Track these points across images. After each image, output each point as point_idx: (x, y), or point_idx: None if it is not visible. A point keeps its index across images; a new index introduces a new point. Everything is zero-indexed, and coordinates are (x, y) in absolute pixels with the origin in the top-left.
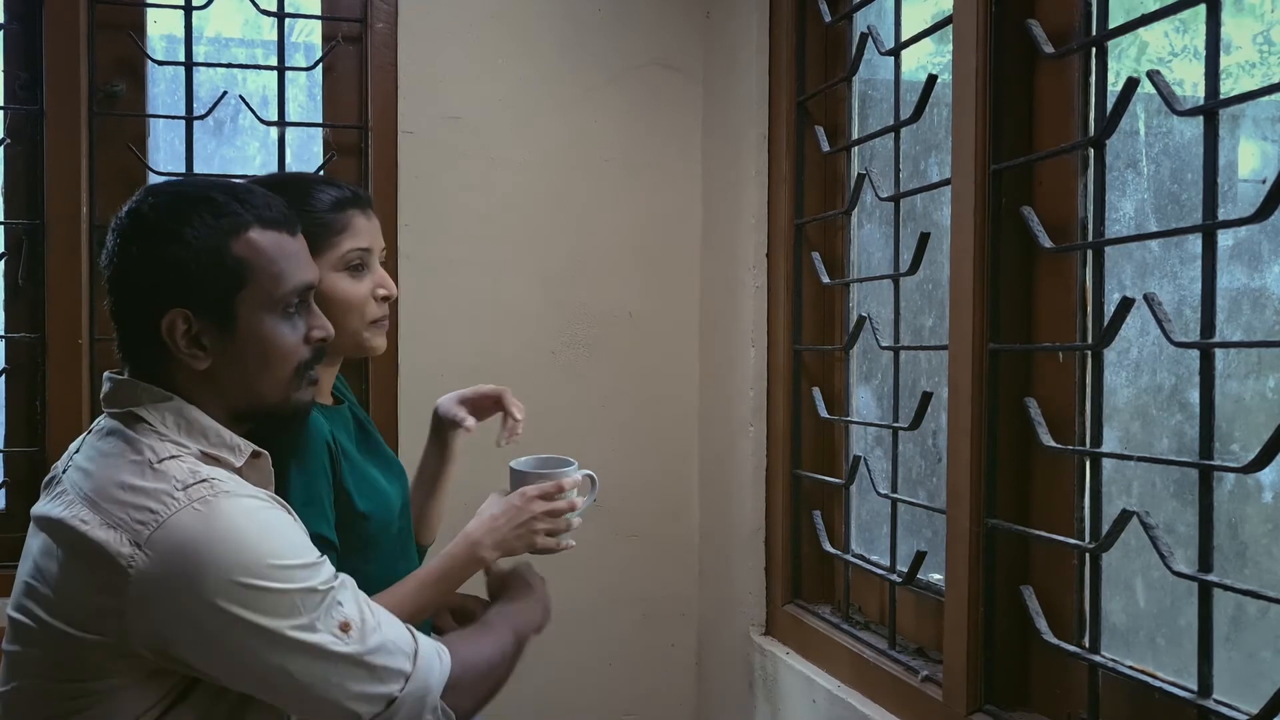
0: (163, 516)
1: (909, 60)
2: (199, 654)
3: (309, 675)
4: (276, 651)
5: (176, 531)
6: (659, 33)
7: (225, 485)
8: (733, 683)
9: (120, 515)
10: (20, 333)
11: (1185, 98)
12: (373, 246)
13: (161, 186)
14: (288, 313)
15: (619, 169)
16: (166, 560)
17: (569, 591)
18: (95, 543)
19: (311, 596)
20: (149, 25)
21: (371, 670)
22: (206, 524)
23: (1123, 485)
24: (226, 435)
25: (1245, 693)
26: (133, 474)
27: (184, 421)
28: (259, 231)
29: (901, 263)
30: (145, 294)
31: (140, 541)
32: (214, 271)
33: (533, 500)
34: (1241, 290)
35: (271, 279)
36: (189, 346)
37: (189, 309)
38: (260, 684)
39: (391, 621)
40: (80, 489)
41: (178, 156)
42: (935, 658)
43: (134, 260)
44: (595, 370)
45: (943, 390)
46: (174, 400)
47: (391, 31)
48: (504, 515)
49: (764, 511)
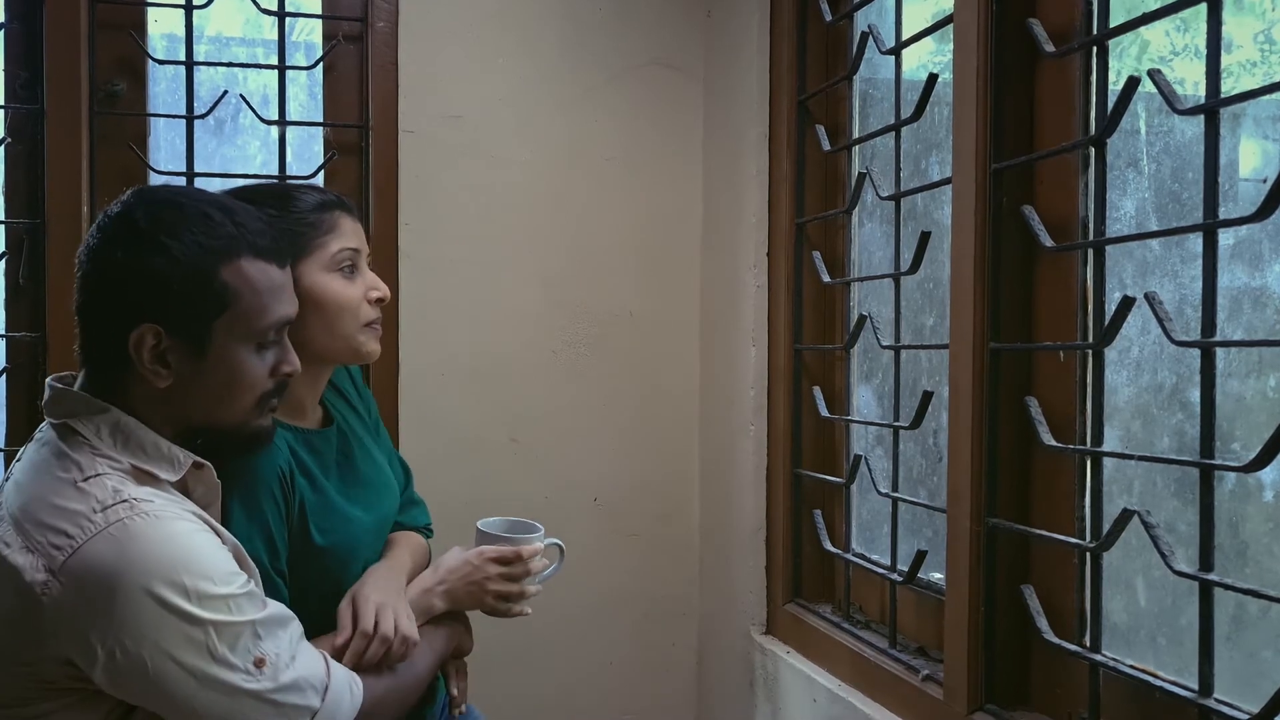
0: (77, 542)
1: (910, 59)
2: (110, 680)
3: (218, 706)
4: (187, 682)
5: (90, 558)
6: (659, 32)
7: (147, 506)
8: (733, 682)
9: (39, 539)
10: (21, 332)
11: (1186, 97)
12: (360, 248)
13: (157, 193)
14: (261, 345)
15: (620, 168)
16: (79, 588)
17: (569, 591)
18: (13, 568)
19: (229, 628)
20: (150, 24)
21: (279, 708)
22: (120, 550)
23: (1123, 484)
24: (164, 447)
25: (1246, 692)
26: (57, 492)
27: (120, 434)
28: (250, 260)
29: (902, 262)
30: (119, 301)
31: (54, 568)
32: (197, 293)
33: (488, 562)
34: (1242, 289)
35: (254, 311)
36: (153, 362)
37: (162, 325)
38: (169, 711)
39: (308, 655)
40: (11, 506)
41: (178, 155)
42: (936, 657)
43: (115, 264)
44: (596, 369)
45: (943, 389)
46: (110, 412)
47: (392, 30)
48: (459, 570)
49: (764, 511)
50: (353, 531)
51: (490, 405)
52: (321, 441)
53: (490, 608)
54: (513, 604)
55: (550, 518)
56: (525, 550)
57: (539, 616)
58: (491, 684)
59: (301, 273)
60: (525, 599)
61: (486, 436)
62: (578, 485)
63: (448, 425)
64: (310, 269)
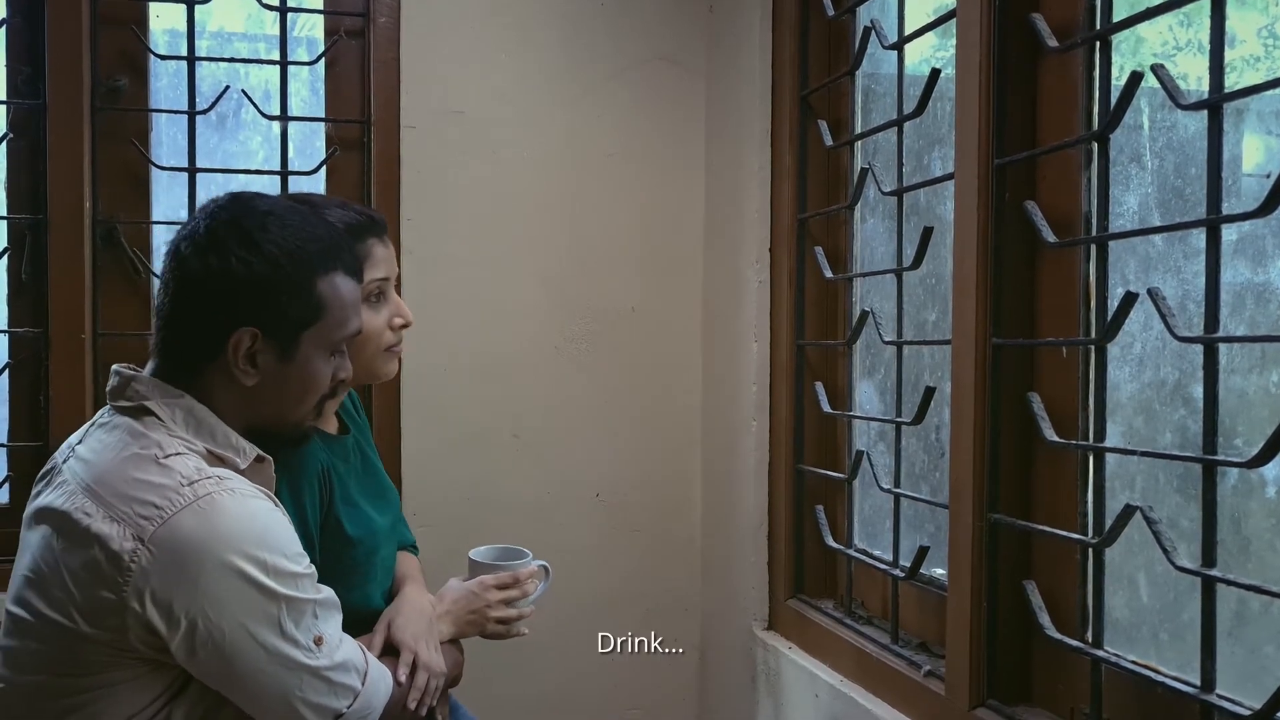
0: (167, 513)
1: (912, 54)
2: (188, 648)
3: (279, 679)
4: (258, 654)
5: (180, 529)
6: (662, 27)
7: (231, 483)
8: (735, 678)
9: (124, 509)
10: (24, 327)
11: (1189, 92)
12: (390, 275)
13: (272, 204)
14: (333, 353)
15: (622, 164)
16: (169, 557)
17: (572, 588)
18: (98, 536)
19: (297, 604)
20: (151, 19)
21: (330, 684)
22: (210, 522)
23: (1126, 480)
24: (233, 438)
25: (1248, 688)
26: (138, 467)
27: (193, 420)
28: (342, 277)
29: (904, 257)
30: (223, 303)
31: (144, 537)
32: (297, 303)
33: (489, 589)
34: (1245, 285)
35: (338, 323)
36: (245, 363)
37: (260, 329)
38: (231, 682)
39: (350, 642)
40: (82, 480)
41: (180, 151)
42: (938, 652)
43: (224, 268)
44: (597, 366)
45: (945, 385)
46: (184, 398)
47: (394, 26)
48: (462, 600)
49: (766, 507)
50: (374, 529)
51: (492, 401)
52: (342, 448)
53: (492, 633)
54: (511, 626)
55: (552, 514)
56: (522, 574)
57: (541, 612)
58: (494, 681)
59: None
60: (522, 620)
61: (489, 432)
62: (580, 481)
63: (450, 421)
64: None
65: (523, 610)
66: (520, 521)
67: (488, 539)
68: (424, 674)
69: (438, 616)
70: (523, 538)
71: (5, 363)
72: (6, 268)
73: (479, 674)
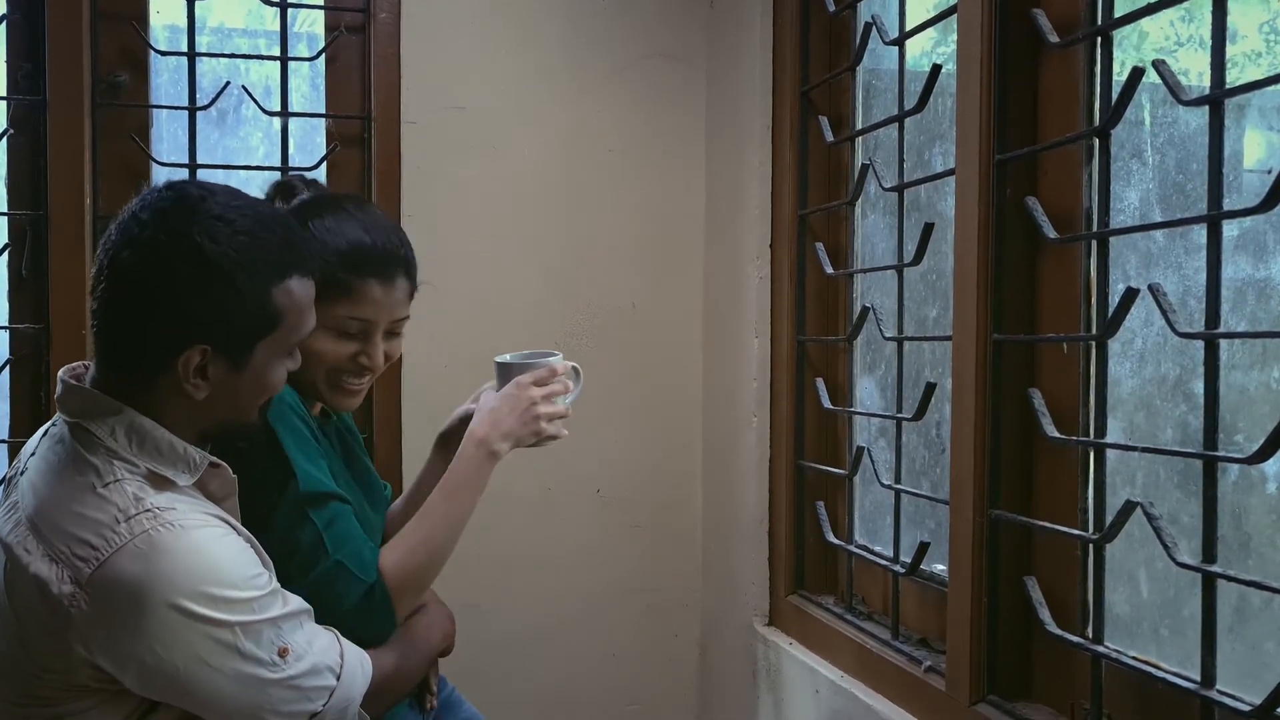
0: (103, 554)
1: (913, 50)
2: (142, 684)
3: (244, 697)
4: (216, 680)
5: (116, 572)
6: (662, 23)
7: (170, 515)
8: (736, 673)
9: (61, 548)
10: (24, 323)
11: (1190, 87)
12: (376, 320)
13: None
14: (289, 355)
15: (622, 160)
16: (108, 603)
17: (572, 583)
18: (36, 578)
19: (254, 627)
20: (151, 15)
21: (300, 690)
22: (147, 564)
23: (1126, 476)
24: (180, 448)
25: (1249, 684)
26: (75, 498)
27: (135, 435)
28: (297, 280)
29: (905, 253)
30: (175, 322)
31: (80, 581)
32: (252, 318)
33: (529, 388)
34: (1246, 281)
35: (293, 328)
36: (194, 377)
37: (211, 345)
38: (196, 706)
39: (323, 639)
40: (28, 508)
41: (180, 147)
42: (938, 648)
43: (170, 286)
44: (598, 361)
45: (946, 381)
46: (125, 412)
47: (394, 22)
48: (505, 406)
49: (767, 502)
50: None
51: None
52: (325, 428)
53: (539, 432)
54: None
55: (553, 509)
56: (558, 367)
57: (542, 608)
58: (495, 674)
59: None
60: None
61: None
62: (580, 477)
63: None
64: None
65: (567, 408)
66: (521, 517)
67: (488, 535)
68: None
69: (486, 433)
70: (523, 533)
71: (6, 359)
72: (7, 264)
73: (480, 669)
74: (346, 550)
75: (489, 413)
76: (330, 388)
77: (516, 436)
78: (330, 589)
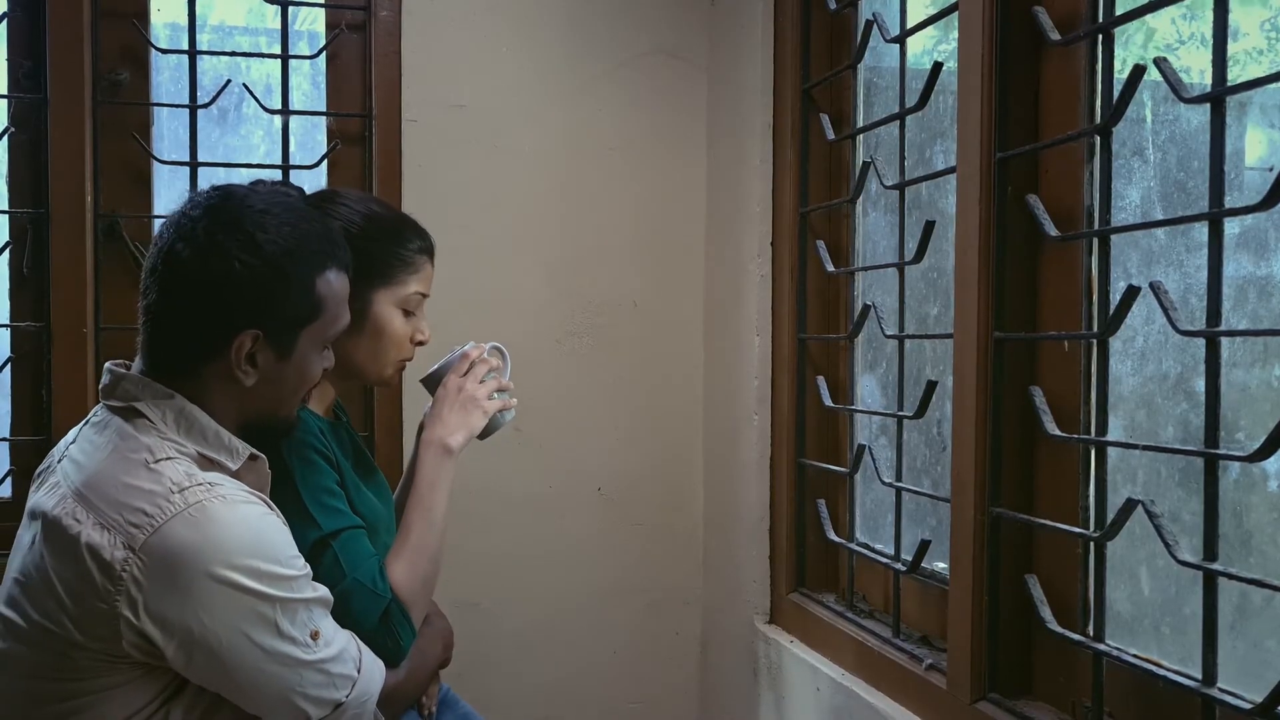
0: (158, 521)
1: (914, 47)
2: (183, 654)
3: (278, 677)
4: (254, 656)
5: (171, 538)
6: (663, 20)
7: (221, 490)
8: (737, 671)
9: (114, 516)
10: (25, 321)
11: (1192, 85)
12: (428, 293)
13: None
14: (325, 348)
15: (623, 157)
16: (160, 567)
17: (573, 581)
18: (88, 545)
19: (291, 605)
20: (152, 13)
21: (329, 676)
22: (201, 531)
23: (1128, 474)
24: (225, 437)
25: (1250, 682)
26: (128, 471)
27: (184, 420)
28: (335, 272)
29: (906, 251)
30: (226, 306)
31: (134, 546)
32: (299, 306)
33: (452, 380)
34: (1247, 279)
35: (332, 319)
36: (245, 363)
37: (263, 330)
38: (230, 684)
39: (345, 634)
40: (73, 482)
41: (181, 145)
42: (939, 646)
43: (226, 271)
44: (599, 359)
45: (947, 379)
46: (175, 398)
47: (395, 19)
48: (442, 405)
49: (768, 500)
50: (379, 515)
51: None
52: (339, 436)
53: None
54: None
55: (554, 507)
56: (470, 352)
57: (543, 606)
58: (496, 673)
59: (374, 298)
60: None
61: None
62: (581, 475)
63: None
64: (384, 298)
65: (503, 382)
66: (522, 515)
67: (489, 534)
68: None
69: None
70: (524, 531)
71: (7, 357)
72: (8, 262)
73: (481, 666)
74: (362, 570)
75: (431, 417)
76: (395, 369)
77: (465, 426)
78: (348, 610)
